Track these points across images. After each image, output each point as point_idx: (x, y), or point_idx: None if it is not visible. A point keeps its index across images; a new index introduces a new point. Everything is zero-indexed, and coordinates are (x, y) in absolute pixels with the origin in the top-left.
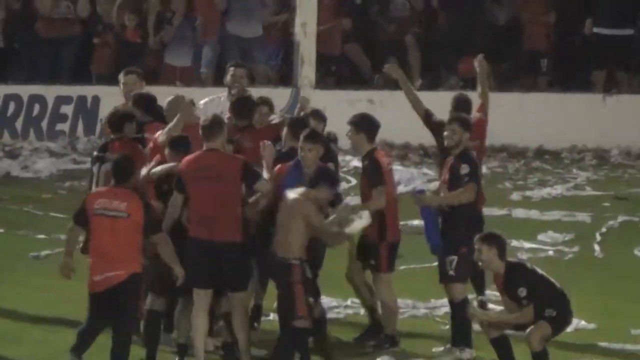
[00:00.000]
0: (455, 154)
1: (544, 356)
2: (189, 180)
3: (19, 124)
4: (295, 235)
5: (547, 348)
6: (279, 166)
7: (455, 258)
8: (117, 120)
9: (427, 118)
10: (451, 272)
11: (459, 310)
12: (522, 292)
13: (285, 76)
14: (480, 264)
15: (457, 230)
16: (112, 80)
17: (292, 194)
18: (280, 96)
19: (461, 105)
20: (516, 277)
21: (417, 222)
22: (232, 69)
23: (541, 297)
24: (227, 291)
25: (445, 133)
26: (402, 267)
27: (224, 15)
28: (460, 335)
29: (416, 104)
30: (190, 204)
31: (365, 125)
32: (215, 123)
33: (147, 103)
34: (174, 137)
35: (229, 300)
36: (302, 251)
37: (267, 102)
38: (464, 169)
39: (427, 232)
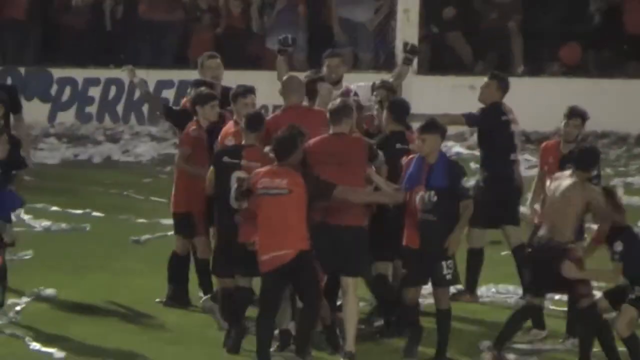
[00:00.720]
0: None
1: (633, 341)
2: (314, 162)
3: (120, 108)
4: (571, 220)
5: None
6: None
7: (451, 261)
8: (257, 120)
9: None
10: (448, 276)
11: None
12: (618, 246)
13: (387, 61)
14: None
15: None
16: None
17: (566, 179)
18: None
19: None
20: (618, 232)
21: None
22: (326, 60)
23: (634, 263)
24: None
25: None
26: None
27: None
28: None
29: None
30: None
31: None
32: (342, 108)
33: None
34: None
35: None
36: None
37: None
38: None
39: None
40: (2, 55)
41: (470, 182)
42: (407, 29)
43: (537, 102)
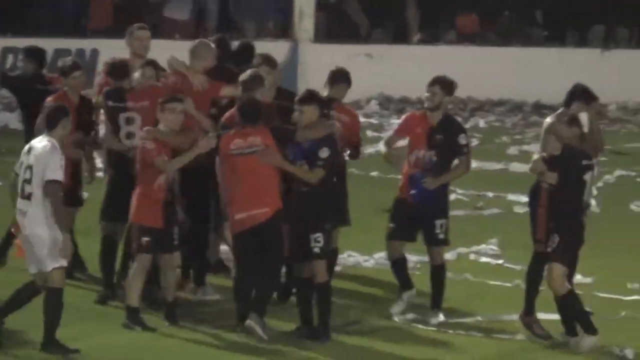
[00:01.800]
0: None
1: (570, 299)
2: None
3: None
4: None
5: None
6: None
7: (445, 221)
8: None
9: None
10: (441, 236)
11: (444, 271)
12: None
13: (284, 29)
14: None
15: (446, 195)
16: (110, 34)
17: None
18: (280, 49)
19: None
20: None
21: None
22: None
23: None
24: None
25: (426, 94)
26: None
27: None
28: (440, 298)
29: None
30: None
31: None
32: (252, 77)
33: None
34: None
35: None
36: None
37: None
38: (463, 138)
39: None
40: None
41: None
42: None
43: (433, 70)
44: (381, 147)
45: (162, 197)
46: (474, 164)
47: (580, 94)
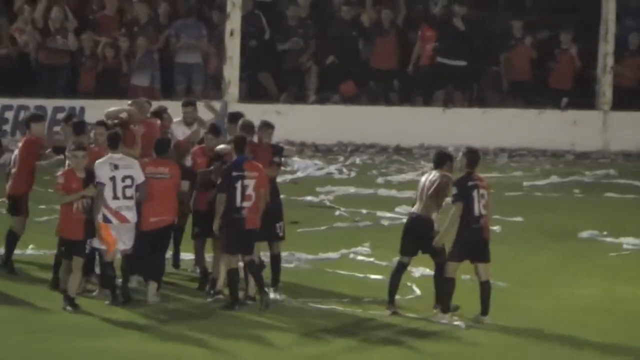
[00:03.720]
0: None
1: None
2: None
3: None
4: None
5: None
6: None
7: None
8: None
9: None
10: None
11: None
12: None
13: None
14: None
15: None
16: (95, 96)
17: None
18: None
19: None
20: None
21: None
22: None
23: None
24: None
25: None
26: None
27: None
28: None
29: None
30: None
31: None
32: None
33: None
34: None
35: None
36: None
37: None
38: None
39: None
40: None
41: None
42: (231, 70)
43: (324, 122)
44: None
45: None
46: (353, 189)
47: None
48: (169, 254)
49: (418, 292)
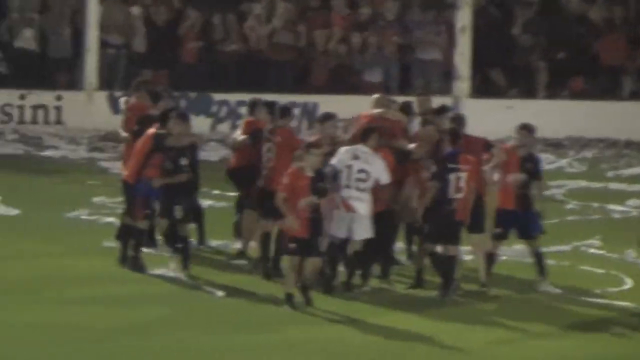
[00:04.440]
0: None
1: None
2: None
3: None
4: None
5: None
6: None
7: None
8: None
9: None
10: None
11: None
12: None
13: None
14: None
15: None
16: (327, 91)
17: None
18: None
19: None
20: None
21: None
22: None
23: None
24: None
25: None
26: None
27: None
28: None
29: None
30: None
31: None
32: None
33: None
34: None
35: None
36: None
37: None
38: None
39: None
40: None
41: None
42: (462, 66)
43: (555, 118)
44: None
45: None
46: (584, 183)
47: None
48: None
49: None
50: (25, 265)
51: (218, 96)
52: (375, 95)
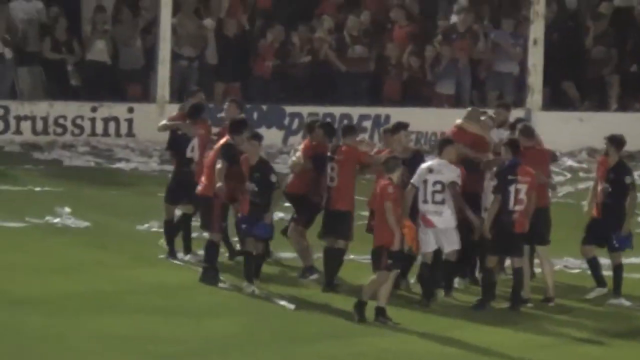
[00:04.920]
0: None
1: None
2: None
3: None
4: None
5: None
6: None
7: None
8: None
9: None
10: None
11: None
12: None
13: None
14: None
15: None
16: (399, 103)
17: None
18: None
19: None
20: None
21: None
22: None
23: None
24: None
25: None
26: None
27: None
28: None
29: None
30: None
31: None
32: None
33: None
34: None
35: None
36: None
37: None
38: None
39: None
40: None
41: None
42: (535, 79)
43: (627, 130)
44: None
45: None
46: None
47: None
48: None
49: None
50: (95, 276)
51: (290, 109)
52: (469, 108)
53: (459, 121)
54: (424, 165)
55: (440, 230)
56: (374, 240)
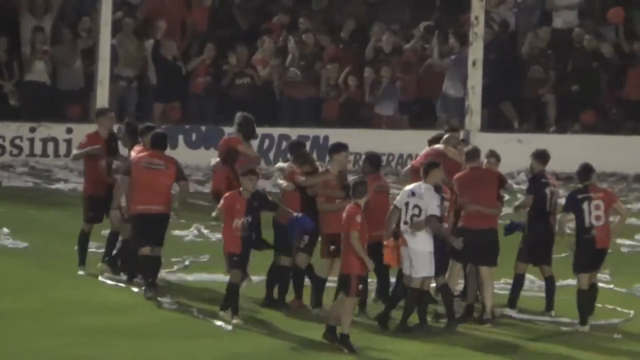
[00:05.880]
0: None
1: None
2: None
3: (271, 155)
4: None
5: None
6: None
7: None
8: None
9: None
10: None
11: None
12: None
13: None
14: None
15: None
16: (337, 125)
17: None
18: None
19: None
20: None
21: None
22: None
23: None
24: None
25: None
26: None
27: None
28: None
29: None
30: None
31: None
32: None
33: None
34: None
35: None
36: None
37: None
38: None
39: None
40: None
41: None
42: (473, 100)
43: (565, 152)
44: None
45: None
46: None
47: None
48: None
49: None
50: (33, 297)
51: (229, 129)
52: (442, 132)
53: (440, 146)
54: (407, 188)
55: (412, 250)
56: (342, 266)
